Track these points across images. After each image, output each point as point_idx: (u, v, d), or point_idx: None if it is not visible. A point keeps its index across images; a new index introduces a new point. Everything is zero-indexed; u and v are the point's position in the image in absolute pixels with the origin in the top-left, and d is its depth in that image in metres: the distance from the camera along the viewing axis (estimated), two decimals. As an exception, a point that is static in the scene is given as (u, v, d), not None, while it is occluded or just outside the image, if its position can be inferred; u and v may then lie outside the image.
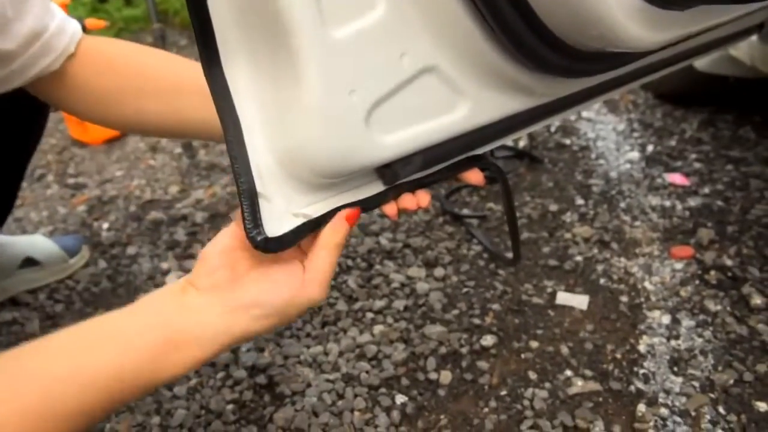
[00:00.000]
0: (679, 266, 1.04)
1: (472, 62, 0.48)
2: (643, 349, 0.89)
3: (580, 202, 1.23)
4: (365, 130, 0.45)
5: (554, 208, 1.21)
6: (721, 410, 0.78)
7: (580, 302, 0.98)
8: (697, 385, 0.82)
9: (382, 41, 0.44)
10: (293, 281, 0.47)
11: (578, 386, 0.83)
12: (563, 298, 0.99)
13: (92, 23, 1.72)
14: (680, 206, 1.19)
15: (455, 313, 0.97)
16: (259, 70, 0.45)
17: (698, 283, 1.00)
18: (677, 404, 0.80)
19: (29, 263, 1.08)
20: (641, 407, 0.79)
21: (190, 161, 1.52)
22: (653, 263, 1.05)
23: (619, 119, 1.58)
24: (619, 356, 0.88)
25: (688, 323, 0.92)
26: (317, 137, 0.44)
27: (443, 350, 0.90)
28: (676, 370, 0.85)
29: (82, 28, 0.66)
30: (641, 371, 0.85)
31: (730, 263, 1.02)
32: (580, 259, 1.07)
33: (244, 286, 0.47)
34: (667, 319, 0.93)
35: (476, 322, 0.95)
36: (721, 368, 0.84)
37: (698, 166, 1.32)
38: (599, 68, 0.56)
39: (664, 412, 0.79)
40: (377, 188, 0.52)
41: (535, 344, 0.90)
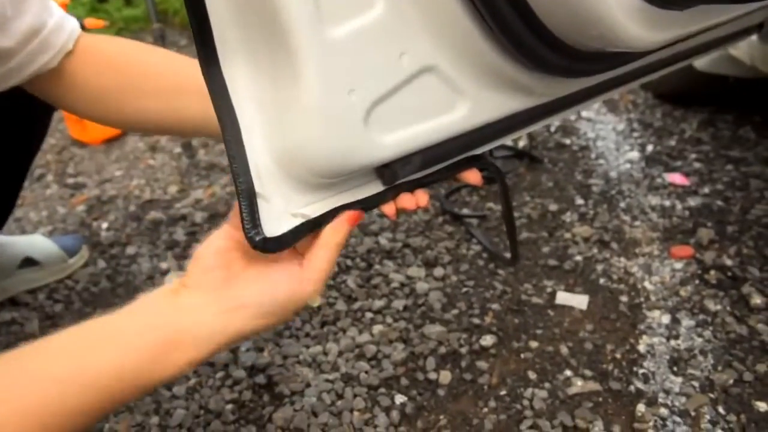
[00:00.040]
0: (678, 266, 1.04)
1: (471, 62, 0.48)
2: (642, 348, 0.88)
3: (579, 201, 1.23)
4: (364, 129, 0.45)
5: (554, 207, 1.21)
6: (720, 410, 0.78)
7: (579, 302, 0.98)
8: (696, 385, 0.82)
9: (381, 40, 0.44)
10: (288, 281, 0.47)
11: (578, 386, 0.83)
12: (563, 297, 0.99)
13: (92, 23, 1.73)
14: (680, 206, 1.19)
15: (455, 312, 0.97)
16: (257, 69, 0.45)
17: (698, 282, 1.00)
18: (677, 404, 0.80)
19: (28, 263, 1.08)
20: (641, 407, 0.79)
21: (189, 161, 1.52)
22: (653, 263, 1.05)
23: (618, 119, 1.58)
24: (618, 356, 0.88)
25: (687, 323, 0.92)
26: (316, 137, 0.44)
27: (443, 350, 0.90)
28: (675, 369, 0.85)
29: (81, 27, 0.66)
30: (641, 371, 0.85)
31: (729, 263, 1.02)
32: (579, 258, 1.07)
33: (239, 286, 0.47)
34: (666, 318, 0.93)
35: (476, 321, 0.95)
36: (720, 368, 0.84)
37: (698, 165, 1.32)
38: (599, 68, 0.56)
39: (663, 412, 0.79)
40: (376, 188, 0.52)
41: (534, 344, 0.90)
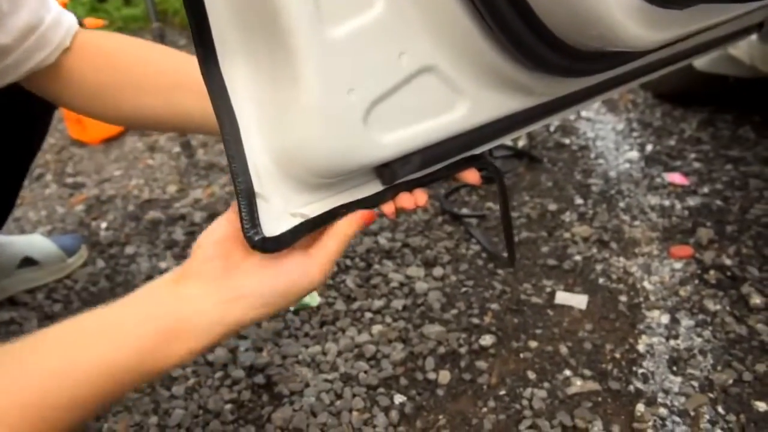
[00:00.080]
0: (678, 266, 1.03)
1: (471, 61, 0.48)
2: (642, 348, 0.88)
3: (579, 201, 1.23)
4: (363, 129, 0.45)
5: (553, 207, 1.21)
6: (720, 410, 0.78)
7: (579, 302, 0.98)
8: (696, 384, 0.82)
9: (380, 40, 0.44)
10: (288, 271, 0.47)
11: (577, 386, 0.83)
12: (562, 297, 0.99)
13: (91, 22, 1.73)
14: (679, 206, 1.19)
15: (454, 312, 0.97)
16: (256, 69, 0.45)
17: (697, 282, 1.00)
18: (676, 404, 0.80)
19: (27, 263, 1.08)
20: (640, 407, 0.79)
21: (188, 161, 1.52)
22: (652, 263, 1.05)
23: (618, 119, 1.58)
24: (618, 356, 0.88)
25: (687, 323, 0.92)
26: (315, 136, 0.44)
27: (442, 350, 0.90)
28: (675, 369, 0.85)
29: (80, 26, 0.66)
30: (640, 371, 0.85)
31: (729, 263, 1.02)
32: (579, 258, 1.07)
33: (238, 276, 0.47)
34: (666, 318, 0.93)
35: (475, 321, 0.95)
36: (720, 368, 0.84)
37: (697, 165, 1.32)
38: (598, 67, 0.56)
39: (663, 411, 0.79)
40: (375, 188, 0.52)
41: (534, 344, 0.90)
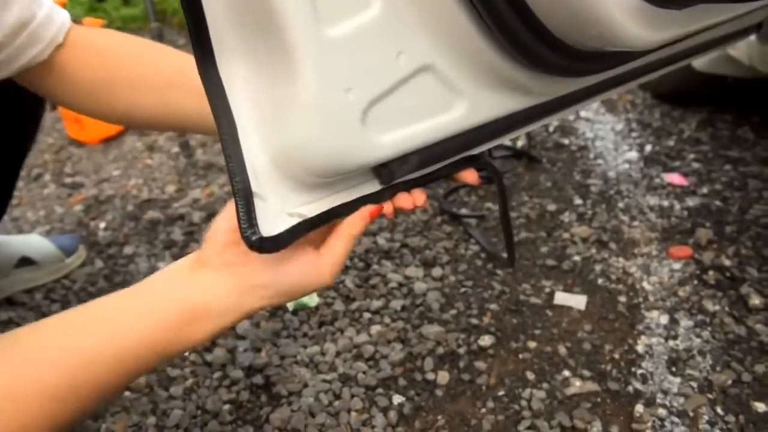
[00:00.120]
0: (677, 266, 1.03)
1: (469, 61, 0.48)
2: (641, 349, 0.88)
3: (578, 201, 1.23)
4: (361, 129, 0.45)
5: (552, 207, 1.21)
6: (719, 411, 0.78)
7: (578, 302, 0.97)
8: (695, 385, 0.82)
9: (378, 40, 0.44)
10: (303, 264, 0.49)
11: (576, 386, 0.83)
12: (561, 298, 0.99)
13: (90, 22, 1.73)
14: (678, 206, 1.19)
15: (453, 313, 0.97)
16: (254, 69, 0.45)
17: (696, 283, 0.99)
18: (675, 405, 0.79)
19: (25, 263, 1.07)
20: (639, 408, 0.79)
21: (187, 161, 1.51)
22: (651, 263, 1.05)
23: (617, 119, 1.58)
24: (617, 356, 0.87)
25: (686, 323, 0.92)
26: (313, 136, 0.44)
27: (441, 350, 0.90)
28: (674, 370, 0.85)
29: None
30: (639, 371, 0.85)
31: (728, 263, 1.02)
32: (578, 259, 1.07)
33: (253, 265, 0.48)
34: (665, 319, 0.93)
35: (474, 322, 0.95)
36: (719, 368, 0.84)
37: (697, 166, 1.31)
38: (597, 67, 0.56)
39: (662, 412, 0.78)
40: (373, 188, 0.52)
41: (533, 344, 0.90)
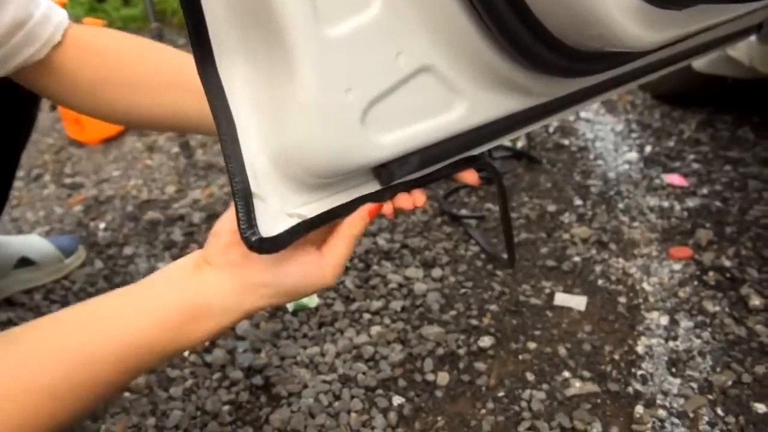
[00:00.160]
0: (677, 267, 1.03)
1: (468, 61, 0.48)
2: (641, 350, 0.88)
3: (578, 202, 1.23)
4: (361, 129, 0.45)
5: (552, 208, 1.21)
6: (719, 412, 0.78)
7: (578, 303, 0.97)
8: (695, 386, 0.82)
9: (377, 40, 0.44)
10: (306, 264, 0.49)
11: (576, 387, 0.83)
12: (561, 299, 0.99)
13: (90, 23, 1.72)
14: (678, 207, 1.19)
15: (453, 314, 0.97)
16: (254, 69, 0.45)
17: (697, 284, 0.99)
18: (675, 406, 0.79)
19: (25, 263, 1.07)
20: (639, 409, 0.79)
21: (187, 161, 1.51)
22: (651, 264, 1.05)
23: (617, 120, 1.58)
24: (617, 357, 0.87)
25: (686, 324, 0.92)
26: (313, 136, 0.44)
27: (440, 351, 0.90)
28: (674, 371, 0.85)
29: None
30: (639, 372, 0.85)
31: (728, 264, 1.02)
32: (578, 259, 1.07)
33: (256, 265, 0.48)
34: (665, 320, 0.93)
35: (474, 323, 0.94)
36: (719, 369, 0.84)
37: (697, 166, 1.31)
38: (597, 68, 0.56)
39: (662, 413, 0.78)
40: (373, 188, 0.51)
41: (532, 345, 0.90)
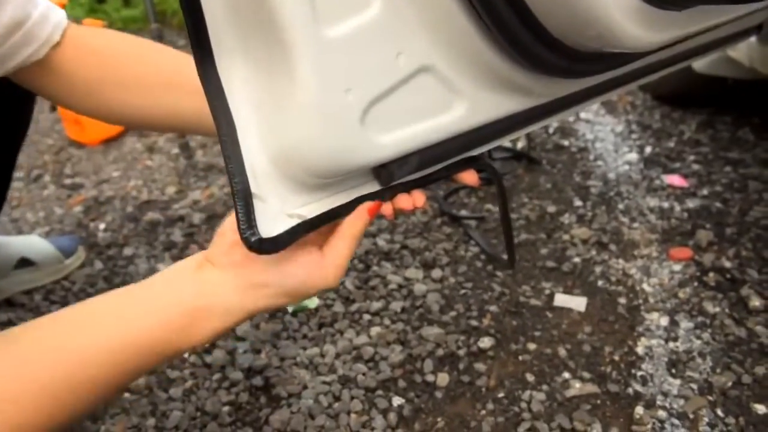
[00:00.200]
0: (677, 268, 1.03)
1: (468, 62, 0.48)
2: (641, 351, 0.88)
3: (578, 203, 1.23)
4: (361, 129, 0.45)
5: (552, 209, 1.21)
6: (719, 413, 0.78)
7: (578, 304, 0.97)
8: (695, 387, 0.82)
9: (377, 40, 0.44)
10: (308, 265, 0.49)
11: (576, 388, 0.82)
12: (561, 299, 0.99)
13: (90, 23, 1.72)
14: (679, 208, 1.19)
15: (453, 314, 0.97)
16: (253, 69, 0.45)
17: (697, 284, 0.99)
18: (675, 406, 0.79)
19: (25, 264, 1.07)
20: (639, 410, 0.79)
21: (187, 162, 1.51)
22: (652, 265, 1.05)
23: (617, 120, 1.58)
24: (617, 358, 0.87)
25: (686, 325, 0.92)
26: (312, 136, 0.44)
27: (440, 352, 0.90)
28: (674, 372, 0.84)
29: None
30: (639, 373, 0.85)
31: (728, 265, 1.02)
32: (578, 260, 1.07)
33: (259, 265, 0.48)
34: (665, 320, 0.93)
35: (474, 323, 0.94)
36: (719, 370, 0.84)
37: (697, 167, 1.31)
38: (597, 69, 0.55)
39: (662, 414, 0.78)
40: (373, 189, 0.51)
41: (532, 346, 0.90)
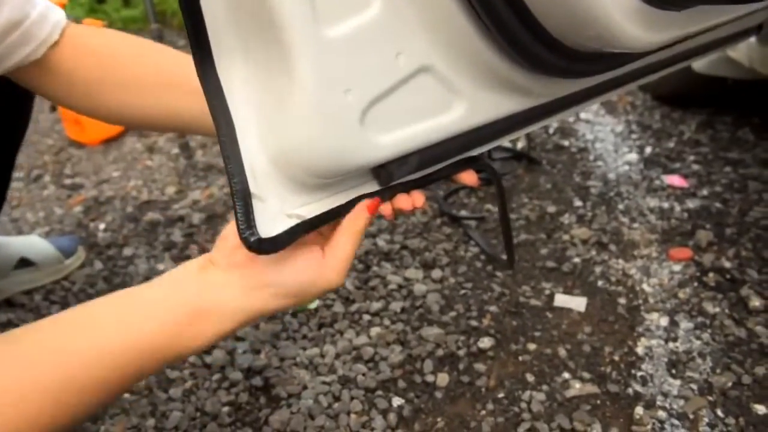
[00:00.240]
0: (677, 268, 1.03)
1: (468, 62, 0.48)
2: (641, 351, 0.88)
3: (578, 203, 1.23)
4: (360, 129, 0.45)
5: (552, 209, 1.21)
6: (719, 413, 0.78)
7: (578, 304, 0.97)
8: (695, 387, 0.82)
9: (377, 40, 0.44)
10: (311, 265, 0.48)
11: (576, 389, 0.82)
12: (561, 300, 0.98)
13: (90, 24, 1.72)
14: (678, 208, 1.18)
15: (452, 315, 0.97)
16: (253, 69, 0.45)
17: (696, 285, 0.99)
18: (675, 407, 0.79)
19: (24, 264, 1.07)
20: (639, 410, 0.79)
21: (187, 162, 1.51)
22: (651, 265, 1.05)
23: (617, 121, 1.58)
24: (617, 358, 0.87)
25: (686, 325, 0.92)
26: (312, 137, 0.44)
27: (440, 352, 0.90)
28: (674, 372, 0.84)
29: None
30: (639, 374, 0.85)
31: (728, 265, 1.02)
32: (578, 260, 1.07)
33: (263, 266, 0.48)
34: (665, 321, 0.93)
35: (473, 324, 0.94)
36: (719, 371, 0.84)
37: (697, 167, 1.31)
38: (597, 69, 0.55)
39: (662, 414, 0.78)
40: (372, 189, 0.51)
41: (532, 346, 0.90)
